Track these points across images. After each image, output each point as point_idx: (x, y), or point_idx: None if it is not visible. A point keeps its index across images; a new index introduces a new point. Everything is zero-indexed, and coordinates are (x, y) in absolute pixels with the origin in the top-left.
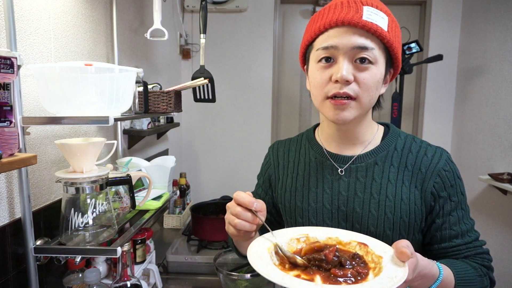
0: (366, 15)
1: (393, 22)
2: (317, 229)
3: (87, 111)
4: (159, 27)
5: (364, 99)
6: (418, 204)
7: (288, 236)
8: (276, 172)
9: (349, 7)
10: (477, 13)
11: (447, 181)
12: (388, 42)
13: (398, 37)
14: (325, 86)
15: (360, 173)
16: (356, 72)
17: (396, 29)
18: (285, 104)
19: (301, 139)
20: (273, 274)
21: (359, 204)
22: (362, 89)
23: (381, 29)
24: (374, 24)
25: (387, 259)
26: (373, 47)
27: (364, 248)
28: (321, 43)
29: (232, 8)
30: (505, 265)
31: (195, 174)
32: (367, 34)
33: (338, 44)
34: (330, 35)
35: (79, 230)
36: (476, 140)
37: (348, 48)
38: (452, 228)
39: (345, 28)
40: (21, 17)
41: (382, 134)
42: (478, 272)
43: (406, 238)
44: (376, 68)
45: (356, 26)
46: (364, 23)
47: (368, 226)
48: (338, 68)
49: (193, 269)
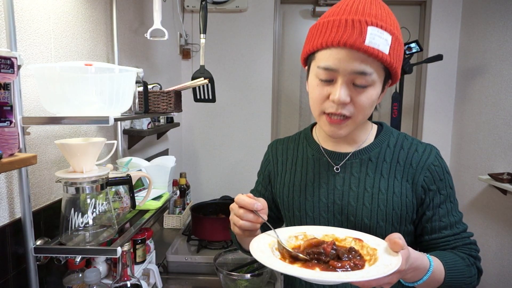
0: (369, 39)
1: (397, 41)
2: (314, 228)
3: (87, 111)
4: (159, 27)
5: (359, 118)
6: (409, 197)
7: (287, 234)
8: (275, 169)
9: (353, 28)
10: (477, 13)
11: (437, 175)
12: (388, 64)
13: (400, 55)
14: (323, 103)
15: (355, 169)
16: (353, 94)
17: (399, 47)
18: (285, 104)
19: (299, 137)
20: (277, 264)
21: (354, 197)
22: (357, 110)
23: (382, 53)
24: (376, 50)
25: (381, 250)
26: (372, 72)
27: (359, 243)
28: (321, 59)
29: (232, 8)
30: (505, 265)
31: (195, 174)
32: (368, 58)
33: (338, 67)
34: (332, 54)
35: (79, 230)
36: (476, 140)
37: (348, 72)
38: (441, 220)
39: (346, 51)
40: (21, 17)
41: (376, 132)
42: (466, 262)
43: (398, 229)
44: (373, 89)
45: (358, 51)
46: (366, 49)
47: (362, 218)
48: (336, 90)
49: (193, 269)
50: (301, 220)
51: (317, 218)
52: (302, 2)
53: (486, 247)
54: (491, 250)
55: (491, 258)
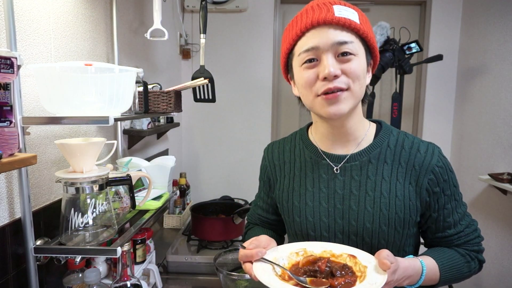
0: (337, 13)
1: (363, 16)
2: (313, 244)
3: (87, 111)
4: (159, 27)
5: (356, 88)
6: (413, 200)
7: (289, 250)
8: (273, 174)
9: (320, 9)
10: (477, 13)
11: (440, 177)
12: (363, 33)
13: (370, 29)
14: (314, 85)
15: (355, 172)
16: (341, 65)
17: (367, 22)
18: (285, 104)
19: (294, 139)
20: (274, 283)
21: (355, 201)
22: (352, 79)
23: (354, 22)
24: (348, 19)
25: (371, 268)
26: (352, 40)
27: (353, 260)
28: (301, 47)
29: (232, 8)
30: (505, 265)
31: (195, 174)
32: (343, 28)
33: (318, 43)
34: (309, 37)
35: (79, 230)
36: (476, 140)
37: (329, 45)
38: (446, 220)
39: (321, 28)
40: (21, 17)
41: (374, 131)
42: (466, 258)
43: (401, 233)
44: (358, 59)
45: (331, 23)
46: (338, 19)
47: (364, 222)
48: (324, 65)
49: (193, 269)
50: (301, 225)
51: (318, 223)
52: (302, 2)
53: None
54: (491, 250)
55: (491, 258)
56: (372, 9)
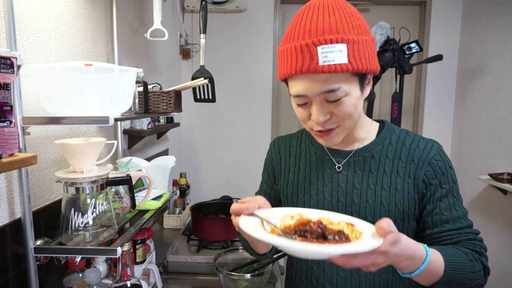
0: (322, 59)
1: (355, 43)
2: (312, 210)
3: (87, 111)
4: (159, 27)
5: (347, 123)
6: (411, 193)
7: (284, 212)
8: (279, 166)
9: (304, 54)
10: (477, 13)
11: (438, 170)
12: (353, 69)
13: (365, 52)
14: (307, 122)
15: (358, 167)
16: (331, 109)
17: (361, 46)
18: (285, 104)
19: (301, 135)
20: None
21: (357, 195)
22: (342, 119)
23: (340, 66)
24: (332, 66)
25: (368, 234)
26: (339, 86)
27: (350, 227)
28: (291, 87)
29: (232, 8)
30: (505, 265)
31: (195, 174)
32: (330, 76)
33: (306, 93)
34: (297, 82)
35: (79, 230)
36: (476, 140)
37: (315, 95)
38: (443, 214)
39: (307, 77)
40: (21, 17)
41: (377, 130)
42: (469, 257)
43: (401, 226)
44: (349, 97)
45: (316, 73)
46: (322, 69)
47: (366, 215)
48: (313, 113)
49: (193, 269)
50: None
51: None
52: (302, 2)
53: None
54: (491, 250)
55: (491, 258)
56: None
